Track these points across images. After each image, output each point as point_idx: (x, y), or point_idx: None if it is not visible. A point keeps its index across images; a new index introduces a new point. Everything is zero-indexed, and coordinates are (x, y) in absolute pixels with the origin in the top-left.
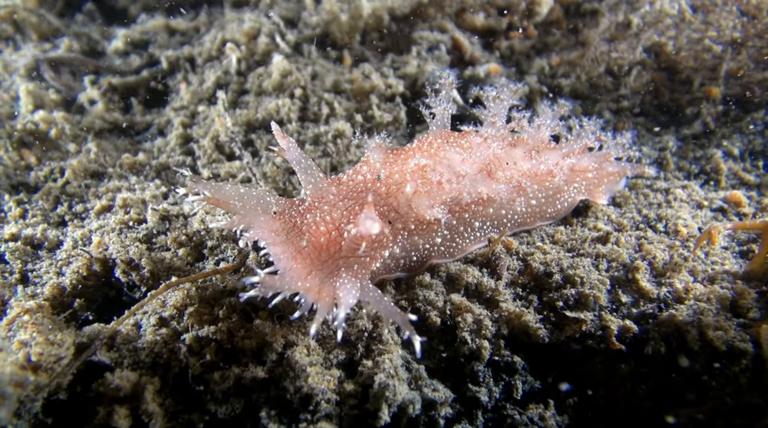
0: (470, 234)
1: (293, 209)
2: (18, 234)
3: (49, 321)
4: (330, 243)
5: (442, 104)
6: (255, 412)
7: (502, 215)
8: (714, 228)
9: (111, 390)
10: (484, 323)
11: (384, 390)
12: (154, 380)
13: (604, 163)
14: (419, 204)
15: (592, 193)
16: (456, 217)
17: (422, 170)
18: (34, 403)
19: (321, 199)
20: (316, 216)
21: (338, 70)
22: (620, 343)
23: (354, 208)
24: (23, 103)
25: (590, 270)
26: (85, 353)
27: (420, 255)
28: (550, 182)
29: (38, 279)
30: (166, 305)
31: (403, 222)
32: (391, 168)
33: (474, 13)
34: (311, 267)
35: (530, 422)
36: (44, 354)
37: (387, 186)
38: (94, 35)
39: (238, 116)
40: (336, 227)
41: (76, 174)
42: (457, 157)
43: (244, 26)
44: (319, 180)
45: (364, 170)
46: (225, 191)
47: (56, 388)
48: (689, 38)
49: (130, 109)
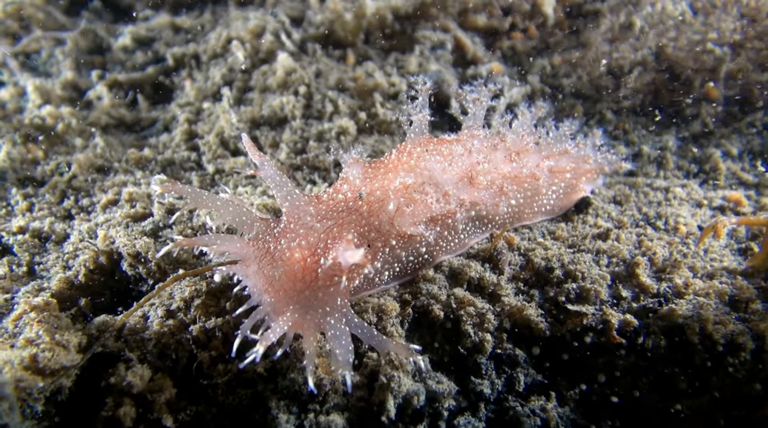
0: (454, 237)
1: (267, 232)
2: (26, 227)
3: (55, 320)
4: (306, 270)
5: (419, 111)
6: (263, 403)
7: (483, 216)
8: (720, 221)
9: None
10: (487, 317)
11: (389, 382)
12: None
13: (581, 163)
14: (402, 222)
15: (571, 192)
16: (440, 225)
17: (407, 189)
18: (37, 402)
19: (297, 221)
20: (291, 242)
21: (342, 69)
22: (620, 337)
23: (332, 230)
24: (30, 98)
25: (591, 265)
26: (90, 351)
27: (404, 265)
28: (530, 184)
29: (45, 272)
30: (174, 297)
31: (384, 240)
32: (372, 184)
33: (476, 13)
34: (287, 301)
35: (532, 413)
36: (50, 356)
37: (369, 204)
38: (100, 32)
39: (242, 113)
40: (312, 253)
41: (82, 168)
42: (437, 167)
43: (249, 24)
44: (295, 198)
45: (344, 189)
46: (203, 199)
47: (59, 389)
48: (690, 40)
49: (135, 105)
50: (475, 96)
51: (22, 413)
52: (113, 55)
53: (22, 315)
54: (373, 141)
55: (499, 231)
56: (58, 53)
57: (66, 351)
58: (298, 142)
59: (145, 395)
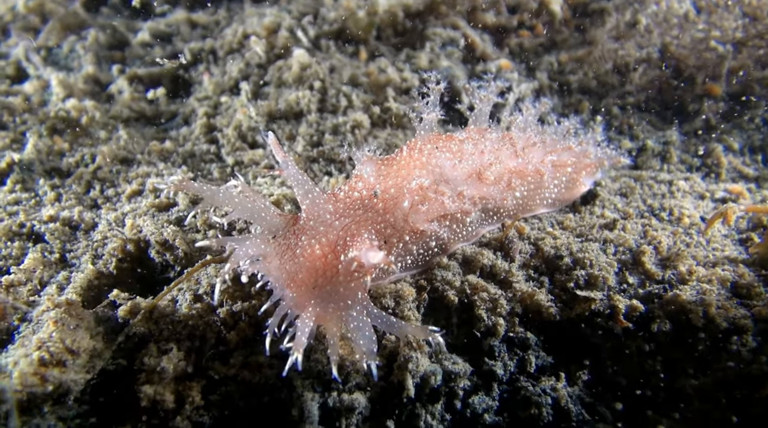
0: (462, 230)
1: (287, 229)
2: (56, 216)
3: (74, 320)
4: (326, 266)
5: (431, 110)
6: (288, 382)
7: (489, 209)
8: (730, 207)
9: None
10: (500, 302)
11: (408, 362)
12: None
13: (582, 158)
14: (416, 219)
15: (572, 186)
16: (450, 219)
17: (422, 190)
18: (44, 404)
19: (317, 219)
20: (312, 239)
21: (355, 64)
22: (627, 321)
23: (350, 227)
24: (54, 92)
25: (599, 253)
26: (122, 333)
27: (414, 258)
28: (533, 177)
29: (76, 259)
30: (201, 283)
31: (399, 236)
32: (386, 182)
33: (485, 11)
34: (308, 295)
35: (543, 393)
36: (56, 372)
37: (384, 202)
38: (119, 27)
39: (259, 107)
40: (332, 249)
41: (106, 160)
42: (448, 163)
43: (264, 20)
44: (315, 196)
45: (359, 186)
46: (219, 198)
47: (66, 390)
48: (693, 38)
49: (155, 99)
50: (483, 93)
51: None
52: (132, 50)
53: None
54: (386, 134)
55: (510, 221)
56: (78, 48)
57: (74, 357)
58: (314, 135)
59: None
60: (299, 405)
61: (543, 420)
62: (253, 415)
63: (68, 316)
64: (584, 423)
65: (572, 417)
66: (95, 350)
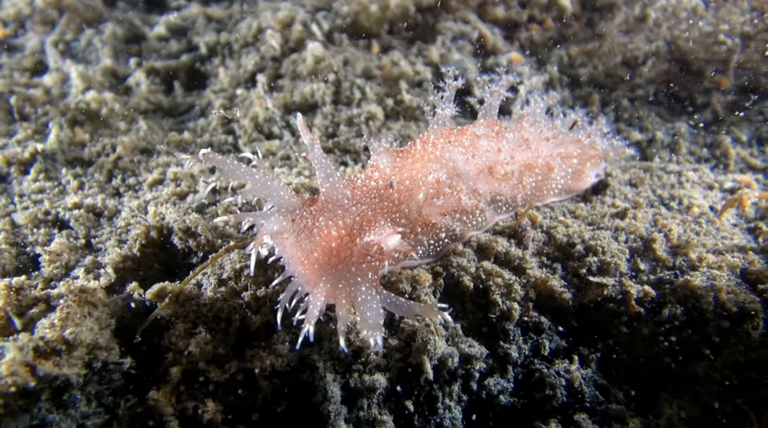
0: (472, 220)
1: (305, 209)
2: (80, 203)
3: (82, 309)
4: (341, 247)
5: (445, 105)
6: (309, 364)
7: (497, 199)
8: (745, 193)
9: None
10: (514, 287)
11: (425, 344)
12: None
13: (588, 149)
14: (429, 212)
15: (578, 176)
16: (460, 212)
17: (438, 184)
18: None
19: (335, 202)
20: (329, 220)
21: (368, 58)
22: (639, 306)
23: (367, 213)
24: (74, 84)
25: (610, 241)
26: (151, 315)
27: (425, 249)
28: (542, 169)
29: (101, 244)
30: (224, 268)
31: (411, 227)
32: (401, 173)
33: (495, 6)
34: (321, 273)
35: (557, 374)
36: (46, 363)
37: (399, 193)
38: (135, 21)
39: (275, 99)
40: (348, 232)
41: (126, 150)
42: (461, 158)
43: (278, 14)
44: (336, 180)
45: (375, 176)
46: (240, 172)
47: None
48: (701, 31)
49: (171, 91)
50: (494, 88)
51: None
52: (149, 43)
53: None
54: (400, 126)
55: (523, 210)
56: (96, 41)
57: (70, 349)
58: (329, 126)
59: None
60: (322, 386)
61: (557, 401)
62: (278, 396)
63: (77, 305)
64: (598, 404)
65: (586, 398)
66: (97, 344)
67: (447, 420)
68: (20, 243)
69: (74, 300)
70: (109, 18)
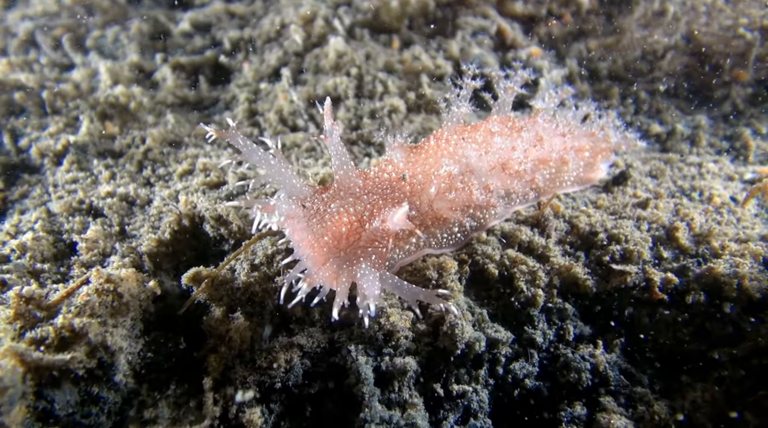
0: (486, 213)
1: (316, 196)
2: (113, 192)
3: (109, 297)
4: (350, 233)
5: (461, 103)
6: (340, 347)
7: (510, 192)
8: None
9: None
10: (538, 274)
11: (453, 329)
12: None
13: (600, 143)
14: (441, 206)
15: (590, 169)
16: (473, 207)
17: (450, 178)
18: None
19: (347, 190)
20: (341, 207)
21: (389, 52)
22: (662, 293)
23: (378, 202)
24: (102, 79)
25: (633, 230)
26: (191, 299)
27: (438, 240)
28: (556, 163)
29: (135, 231)
30: (257, 254)
31: (422, 219)
32: (414, 168)
33: (514, 1)
34: (329, 255)
35: (582, 359)
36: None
37: (411, 185)
38: (160, 18)
39: (299, 92)
40: (358, 219)
41: (156, 142)
42: (474, 154)
43: (301, 10)
44: (349, 168)
45: (389, 169)
46: (257, 155)
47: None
48: (720, 25)
49: (197, 86)
50: (509, 84)
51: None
52: (173, 39)
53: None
54: (421, 119)
55: (546, 200)
56: (123, 37)
57: (76, 339)
58: (353, 119)
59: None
60: (355, 369)
61: (582, 385)
62: (309, 378)
63: (102, 292)
64: (623, 387)
65: (611, 382)
66: (102, 342)
67: (475, 402)
68: (56, 231)
69: (100, 292)
70: (135, 15)
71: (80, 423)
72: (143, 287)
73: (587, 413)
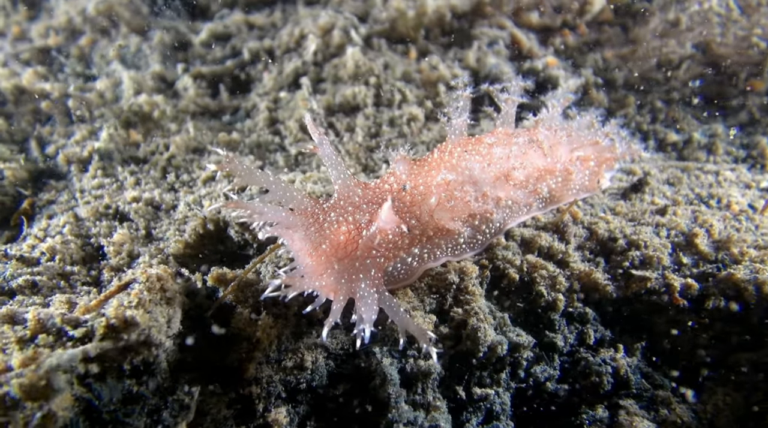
0: (490, 227)
1: (317, 207)
2: (139, 197)
3: (157, 293)
4: (348, 242)
5: (459, 115)
6: (365, 349)
7: (514, 204)
8: None
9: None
10: (558, 279)
11: (476, 332)
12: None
13: (605, 152)
14: (441, 216)
15: (593, 177)
16: (477, 219)
17: (448, 185)
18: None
19: (347, 199)
20: (340, 216)
21: (406, 62)
22: (683, 299)
23: (377, 212)
24: (126, 88)
25: (652, 236)
26: (219, 301)
27: (443, 250)
28: (561, 174)
29: (161, 234)
30: (281, 257)
31: (422, 229)
32: (416, 179)
33: (529, 12)
34: (327, 265)
35: (603, 363)
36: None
37: (411, 195)
38: (181, 29)
39: (318, 101)
40: (357, 228)
41: (179, 149)
42: (477, 166)
43: (319, 21)
44: (347, 178)
45: (390, 180)
46: (256, 176)
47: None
48: (735, 35)
49: (217, 95)
50: (506, 96)
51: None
52: (194, 49)
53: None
54: (439, 127)
55: (566, 206)
56: (145, 48)
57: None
58: (372, 127)
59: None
60: (380, 371)
61: (603, 388)
62: (334, 379)
63: (152, 289)
64: (644, 390)
65: (632, 386)
66: (147, 337)
67: (497, 405)
68: (84, 235)
69: (148, 290)
70: (156, 26)
71: (123, 422)
72: (178, 284)
73: (609, 416)
